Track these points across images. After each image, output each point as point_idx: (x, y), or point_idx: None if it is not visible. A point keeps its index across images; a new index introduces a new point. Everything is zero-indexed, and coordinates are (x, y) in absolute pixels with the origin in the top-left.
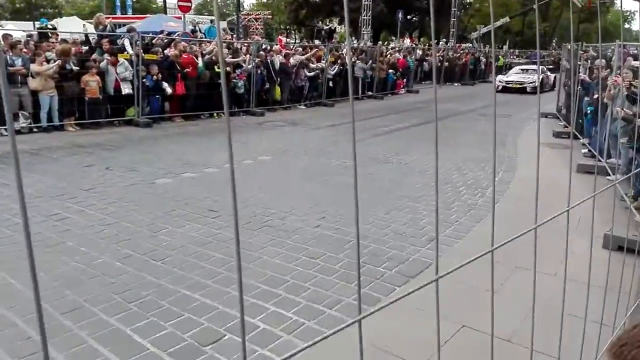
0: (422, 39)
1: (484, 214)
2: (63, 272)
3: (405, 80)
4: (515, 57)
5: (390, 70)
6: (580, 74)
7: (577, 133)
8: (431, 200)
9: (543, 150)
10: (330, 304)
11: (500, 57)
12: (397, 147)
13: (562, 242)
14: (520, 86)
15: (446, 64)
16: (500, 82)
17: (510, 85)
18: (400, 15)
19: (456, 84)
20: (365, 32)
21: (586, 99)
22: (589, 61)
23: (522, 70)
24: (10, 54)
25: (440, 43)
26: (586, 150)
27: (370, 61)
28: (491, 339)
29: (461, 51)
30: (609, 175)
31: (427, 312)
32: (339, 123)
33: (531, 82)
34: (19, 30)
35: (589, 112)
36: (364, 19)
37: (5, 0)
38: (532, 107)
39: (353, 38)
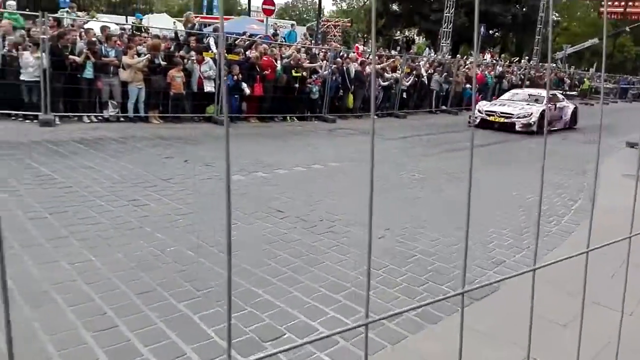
0: (503, 55)
1: (557, 242)
2: (139, 256)
3: (481, 96)
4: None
5: (467, 85)
6: None
7: None
8: (502, 223)
9: (627, 182)
10: (390, 317)
11: (585, 79)
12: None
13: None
14: (506, 120)
15: (527, 82)
16: (479, 112)
17: (491, 118)
18: (482, 29)
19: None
20: (444, 44)
21: None
22: None
23: (520, 94)
24: (105, 45)
25: (522, 61)
26: None
27: (446, 73)
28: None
29: (543, 70)
30: None
31: (491, 336)
32: (411, 135)
33: (525, 117)
34: (112, 23)
35: None
36: (444, 31)
37: None
38: (625, 133)
39: (431, 50)
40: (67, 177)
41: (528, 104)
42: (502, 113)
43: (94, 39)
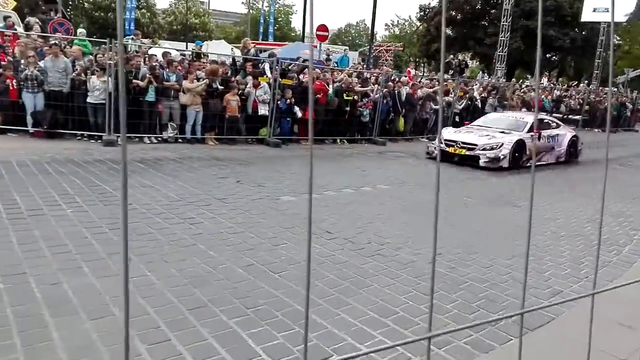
0: (560, 79)
1: (618, 272)
2: (192, 272)
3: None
4: None
5: (523, 109)
6: None
7: None
8: (559, 252)
9: None
10: (439, 344)
11: None
12: (524, 191)
13: None
14: (468, 152)
15: (586, 107)
16: (439, 141)
17: (450, 149)
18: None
19: (596, 130)
20: (499, 68)
21: None
22: None
23: (501, 119)
24: (167, 70)
25: (581, 85)
26: None
27: (499, 97)
28: None
29: (604, 95)
30: None
31: None
32: None
33: (492, 148)
34: (173, 49)
35: None
36: (499, 55)
37: (165, 22)
38: None
39: (484, 74)
40: (128, 195)
41: (502, 132)
42: (464, 143)
43: (155, 64)
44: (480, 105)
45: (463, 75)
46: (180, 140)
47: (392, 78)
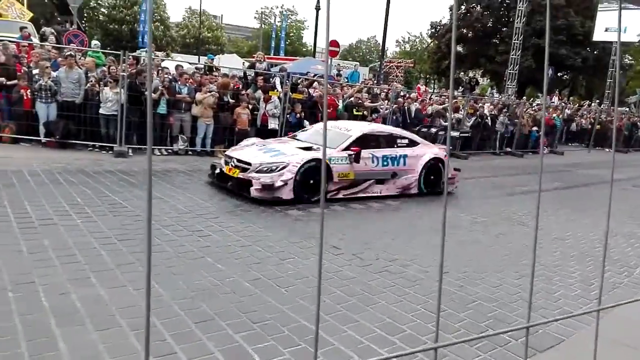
0: (572, 98)
1: (628, 295)
2: (200, 285)
3: (549, 139)
4: None
5: (534, 128)
6: None
7: None
8: (569, 272)
9: None
10: (456, 346)
11: None
12: (533, 210)
13: None
14: (242, 174)
15: (597, 127)
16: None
17: (226, 169)
18: (550, 72)
19: (607, 150)
20: (510, 86)
21: None
22: None
23: (307, 134)
24: (179, 82)
25: (593, 104)
26: None
27: (509, 114)
28: None
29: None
30: None
31: None
32: (470, 177)
33: (269, 171)
34: (185, 62)
35: None
36: (510, 73)
37: (178, 35)
38: None
39: (493, 89)
40: (137, 206)
41: (307, 148)
42: (238, 161)
43: (167, 76)
44: (490, 123)
45: (473, 93)
46: (190, 152)
47: (402, 94)
